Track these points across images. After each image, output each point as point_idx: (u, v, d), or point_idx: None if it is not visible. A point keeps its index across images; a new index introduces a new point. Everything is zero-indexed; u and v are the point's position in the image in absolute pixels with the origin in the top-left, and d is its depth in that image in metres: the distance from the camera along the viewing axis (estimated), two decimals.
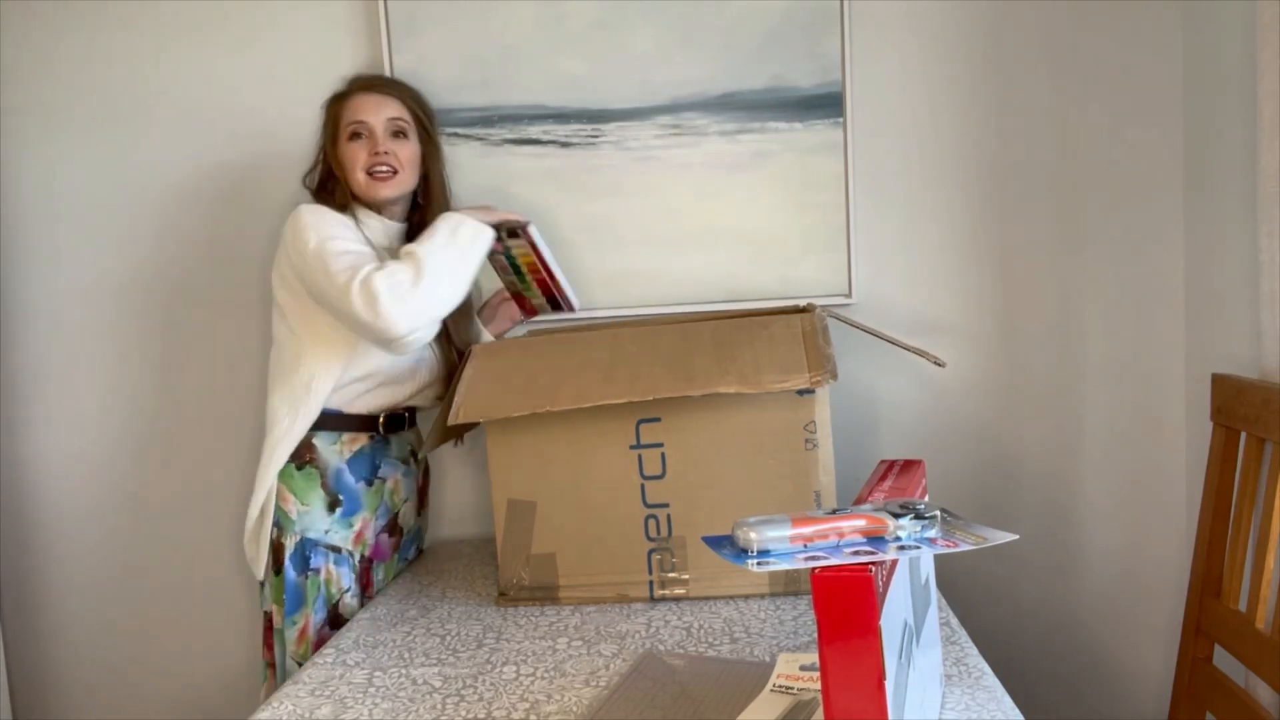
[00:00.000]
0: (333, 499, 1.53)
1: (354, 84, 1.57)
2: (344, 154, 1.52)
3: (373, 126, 1.52)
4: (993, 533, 0.77)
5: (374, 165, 1.51)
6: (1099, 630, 1.76)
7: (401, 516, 1.65)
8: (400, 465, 1.63)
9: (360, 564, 1.56)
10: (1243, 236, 1.50)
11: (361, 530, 1.56)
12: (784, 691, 1.04)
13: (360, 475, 1.56)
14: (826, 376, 1.28)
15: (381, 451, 1.59)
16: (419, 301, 1.36)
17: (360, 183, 1.51)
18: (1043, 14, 1.65)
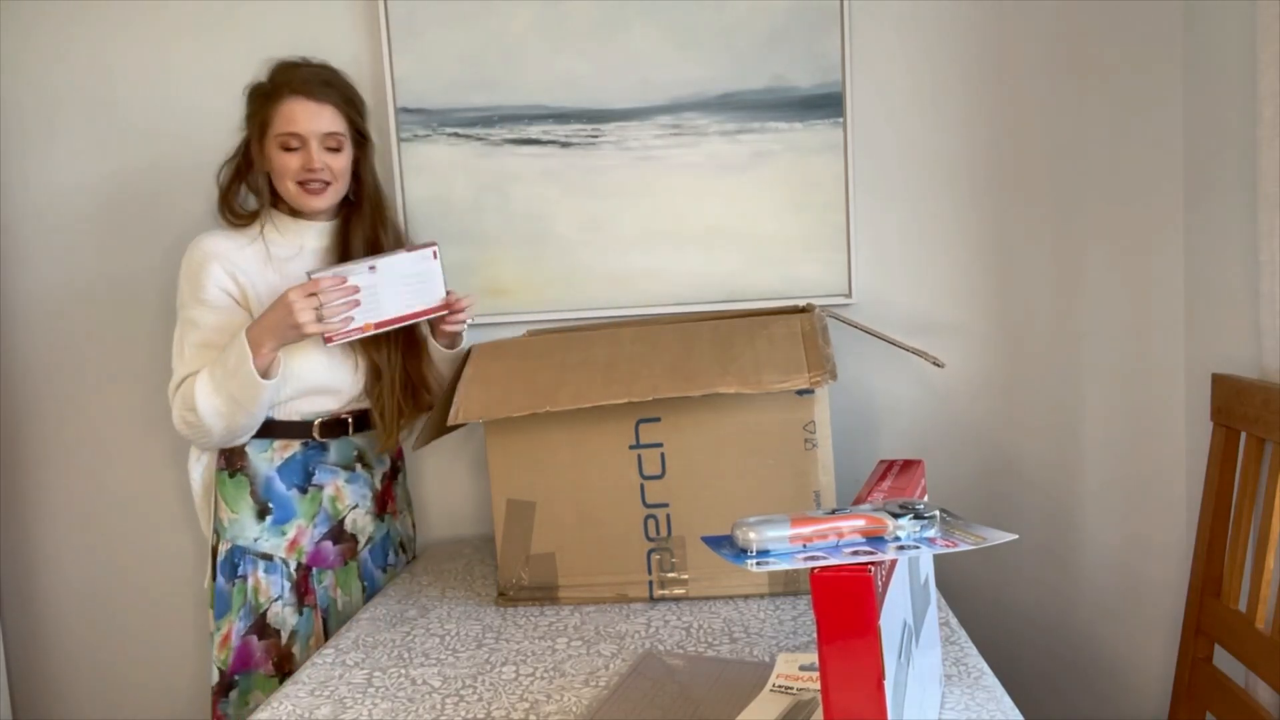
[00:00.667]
0: (262, 507, 1.51)
1: (283, 83, 1.47)
2: (274, 160, 1.47)
3: (306, 139, 1.46)
4: (992, 533, 0.77)
5: (307, 179, 1.47)
6: (1099, 630, 1.76)
7: (350, 524, 1.59)
8: (342, 471, 1.57)
9: (297, 572, 1.53)
10: (1243, 236, 1.50)
11: (296, 538, 1.53)
12: (783, 691, 1.04)
13: (292, 482, 1.53)
14: (826, 376, 1.28)
15: (317, 458, 1.55)
16: (205, 439, 1.46)
17: (290, 192, 1.48)
18: (1043, 15, 1.65)
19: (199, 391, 1.40)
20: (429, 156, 1.72)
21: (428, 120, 1.71)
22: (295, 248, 1.53)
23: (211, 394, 1.40)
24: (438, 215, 1.73)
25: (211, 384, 1.41)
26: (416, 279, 1.46)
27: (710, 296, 1.72)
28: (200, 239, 1.49)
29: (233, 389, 1.40)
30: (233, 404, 1.41)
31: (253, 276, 1.49)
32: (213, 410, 1.40)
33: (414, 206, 1.73)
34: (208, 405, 1.40)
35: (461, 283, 1.74)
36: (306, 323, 1.37)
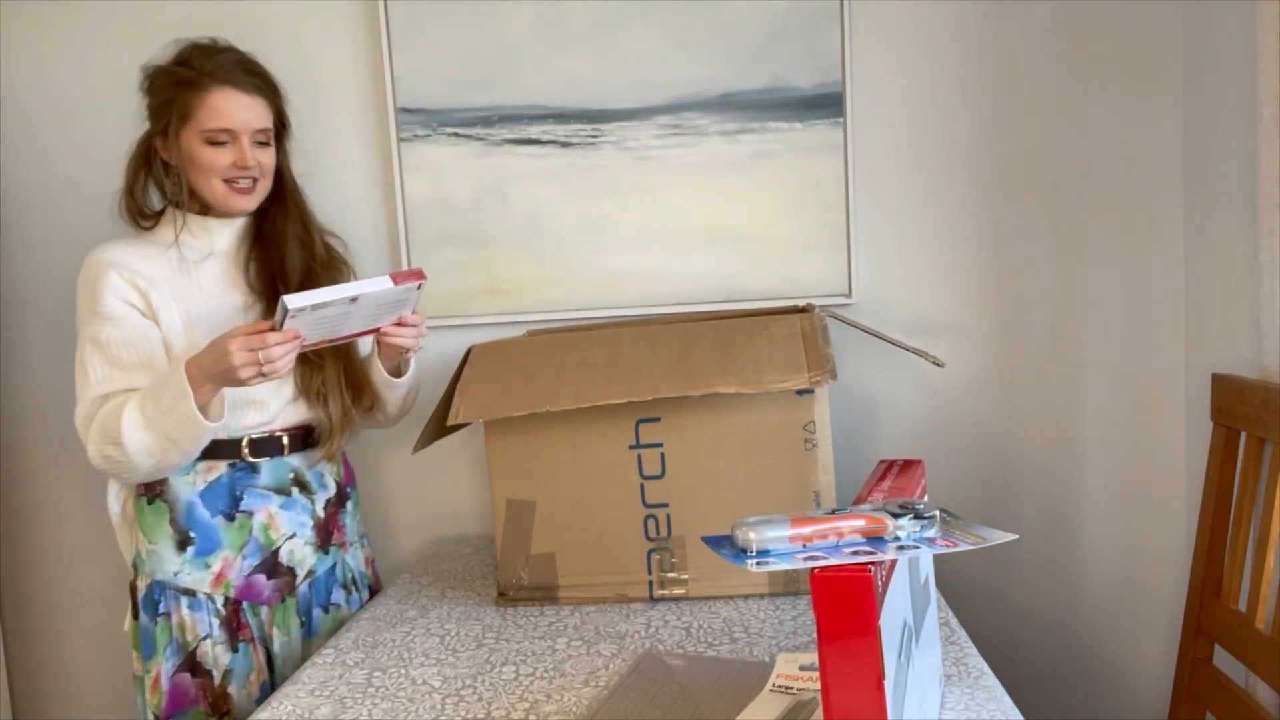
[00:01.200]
0: (182, 537, 1.36)
1: (208, 71, 1.34)
2: (199, 156, 1.34)
3: (238, 134, 1.35)
4: (992, 533, 0.77)
5: (237, 177, 1.36)
6: (1099, 630, 1.76)
7: (286, 555, 1.42)
8: (276, 496, 1.41)
9: (226, 607, 1.39)
10: (1243, 236, 1.50)
11: (222, 571, 1.37)
12: (783, 691, 1.04)
13: (217, 509, 1.38)
14: (826, 376, 1.28)
15: (246, 480, 1.39)
16: (129, 476, 1.33)
17: (217, 193, 1.36)
18: (1043, 15, 1.65)
19: (126, 426, 1.25)
20: (429, 156, 1.72)
21: (428, 120, 1.71)
22: (206, 249, 1.40)
23: (141, 429, 1.26)
24: (438, 215, 1.73)
25: (142, 419, 1.26)
26: (390, 307, 1.30)
27: (710, 296, 1.72)
28: (95, 250, 1.36)
29: (167, 426, 1.25)
30: (166, 442, 1.27)
31: (158, 284, 1.35)
32: (141, 448, 1.26)
33: (414, 206, 1.73)
34: (137, 442, 1.26)
35: (462, 283, 1.74)
36: (247, 377, 1.21)
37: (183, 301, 1.37)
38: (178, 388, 1.24)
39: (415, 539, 1.82)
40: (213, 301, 1.39)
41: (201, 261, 1.40)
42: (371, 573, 1.61)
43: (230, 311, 1.40)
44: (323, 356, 1.41)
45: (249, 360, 1.20)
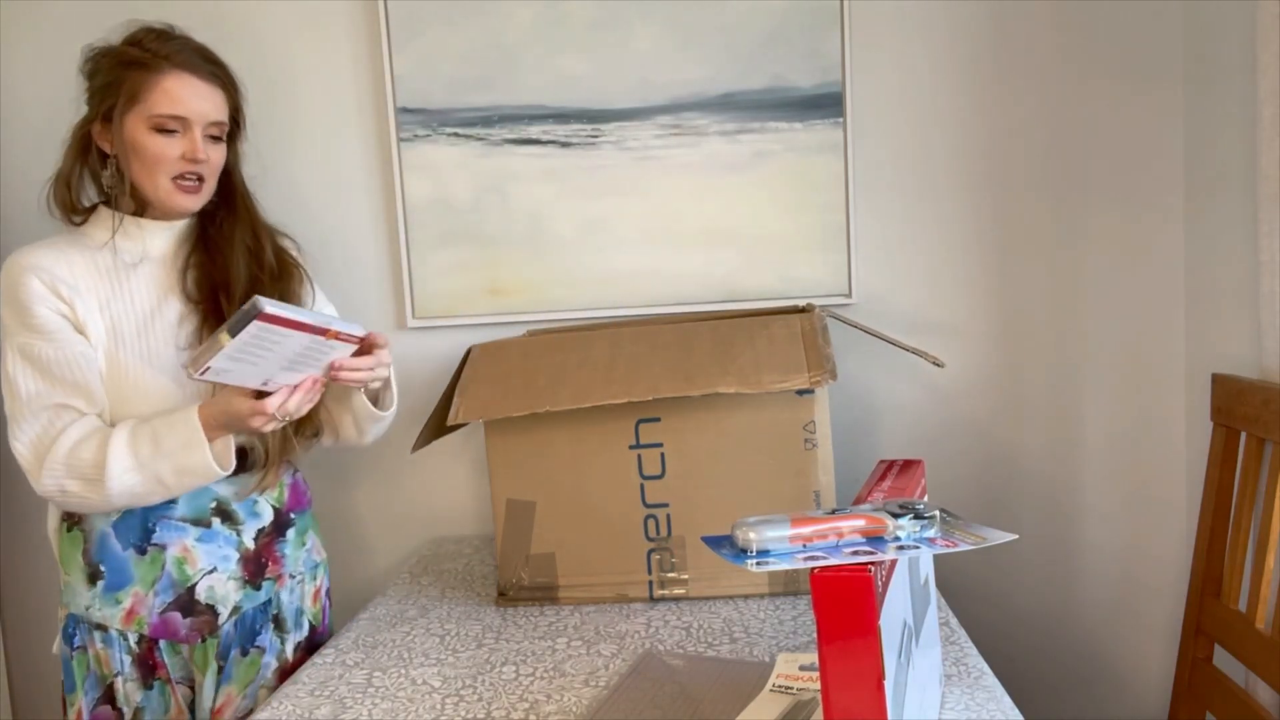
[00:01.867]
0: (93, 570, 1.27)
1: (163, 54, 1.23)
2: (144, 145, 1.22)
3: (191, 124, 1.23)
4: (992, 533, 0.77)
5: (185, 172, 1.25)
6: (1099, 630, 1.76)
7: (204, 592, 1.29)
8: (193, 528, 1.28)
9: (140, 645, 1.28)
10: (1243, 236, 1.50)
11: (133, 608, 1.27)
12: (783, 691, 1.04)
13: (129, 541, 1.27)
14: (826, 376, 1.28)
15: (159, 511, 1.27)
16: (83, 508, 1.23)
17: (161, 189, 1.24)
18: (1043, 15, 1.65)
19: (114, 466, 1.16)
20: (429, 156, 1.72)
21: (428, 120, 1.71)
22: (139, 254, 1.28)
23: (130, 471, 1.17)
24: (438, 215, 1.73)
25: (132, 459, 1.17)
26: (320, 354, 1.17)
27: (710, 296, 1.72)
28: (13, 254, 1.24)
29: (163, 471, 1.18)
30: (155, 486, 1.19)
31: (82, 293, 1.23)
32: (124, 490, 1.18)
33: (414, 206, 1.73)
34: (121, 485, 1.17)
35: (462, 283, 1.74)
36: (268, 430, 1.18)
37: (109, 312, 1.25)
38: (188, 434, 1.17)
39: (415, 539, 1.82)
40: (143, 313, 1.27)
41: (133, 267, 1.27)
42: (319, 608, 1.45)
43: (163, 326, 1.27)
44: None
45: (266, 419, 1.16)
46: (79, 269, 1.25)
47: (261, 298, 1.03)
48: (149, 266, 1.29)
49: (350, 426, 1.40)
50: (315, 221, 1.75)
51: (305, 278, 1.41)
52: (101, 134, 1.25)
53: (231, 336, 1.03)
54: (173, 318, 1.29)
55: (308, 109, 1.74)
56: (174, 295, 1.30)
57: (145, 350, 1.25)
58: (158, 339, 1.27)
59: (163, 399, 1.24)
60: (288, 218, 1.82)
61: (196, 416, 1.18)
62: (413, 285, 1.74)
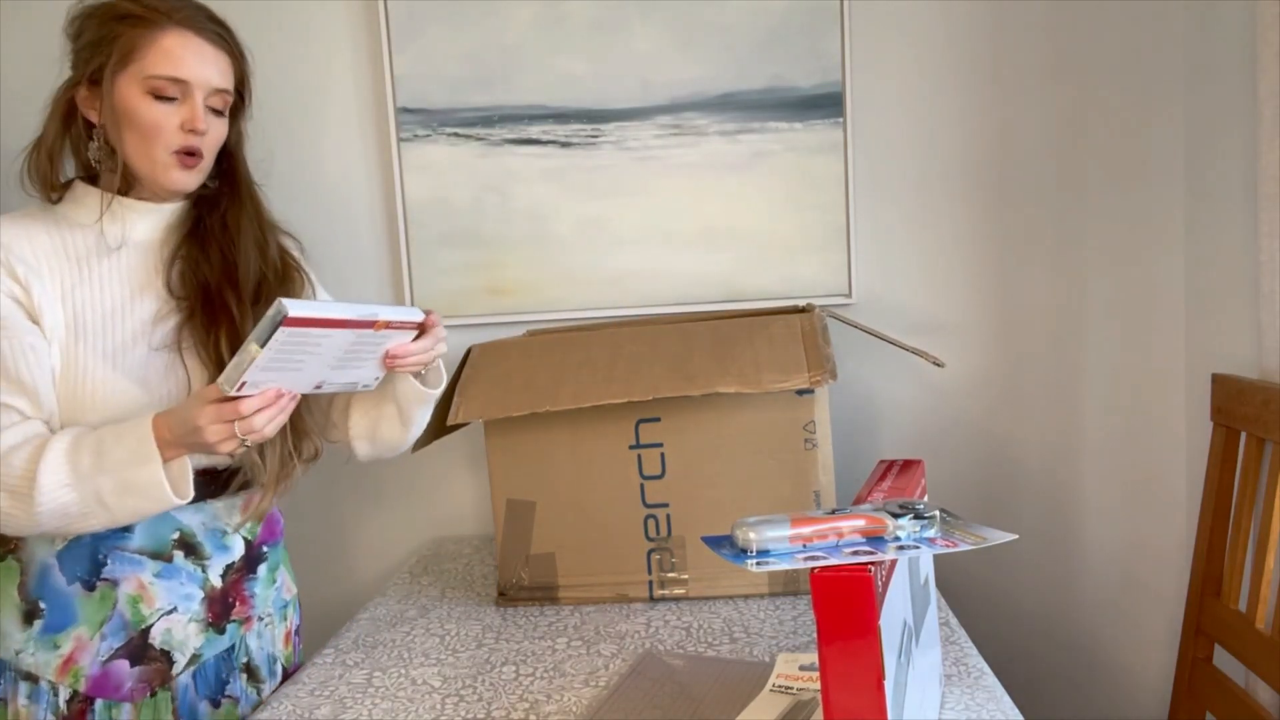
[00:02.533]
0: (30, 607, 1.09)
1: (163, 10, 1.07)
2: (138, 112, 1.07)
3: (192, 89, 1.09)
4: (992, 533, 0.77)
5: (187, 146, 1.10)
6: (1099, 630, 1.76)
7: (161, 636, 1.12)
8: (151, 562, 1.12)
9: (71, 706, 1.09)
10: (1243, 236, 1.50)
11: (73, 655, 1.09)
12: (783, 691, 1.04)
13: (75, 574, 1.09)
14: (826, 376, 1.28)
15: (114, 540, 1.10)
16: (10, 531, 1.02)
17: (157, 162, 1.09)
18: (1043, 15, 1.65)
19: (45, 478, 0.98)
20: (429, 156, 1.72)
21: (428, 120, 1.71)
22: (118, 238, 1.13)
23: (64, 486, 0.99)
24: (438, 215, 1.73)
25: (70, 473, 0.99)
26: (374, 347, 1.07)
27: (710, 296, 1.72)
28: None
29: (104, 489, 0.99)
30: (95, 508, 1.00)
31: (43, 276, 1.07)
32: (56, 509, 0.99)
33: (414, 206, 1.73)
34: (53, 501, 0.98)
35: (462, 283, 1.74)
36: (228, 450, 0.99)
37: (71, 301, 1.08)
38: (137, 445, 0.99)
39: (415, 539, 1.82)
40: (113, 305, 1.11)
41: (108, 253, 1.12)
42: (291, 649, 1.30)
43: (135, 323, 1.11)
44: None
45: (226, 434, 0.97)
46: (42, 248, 1.08)
47: (286, 300, 0.92)
48: (127, 253, 1.13)
49: (392, 421, 1.25)
50: (315, 221, 1.75)
51: (308, 282, 1.26)
52: (88, 100, 1.09)
53: (261, 346, 0.92)
54: (147, 313, 1.12)
55: (308, 109, 1.74)
56: (152, 288, 1.14)
57: (109, 347, 1.09)
58: (126, 335, 1.10)
59: (124, 406, 1.07)
60: (287, 218, 1.82)
61: (149, 426, 1.00)
62: (413, 285, 1.74)
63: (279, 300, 0.93)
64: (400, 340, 1.09)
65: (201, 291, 1.14)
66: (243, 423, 0.97)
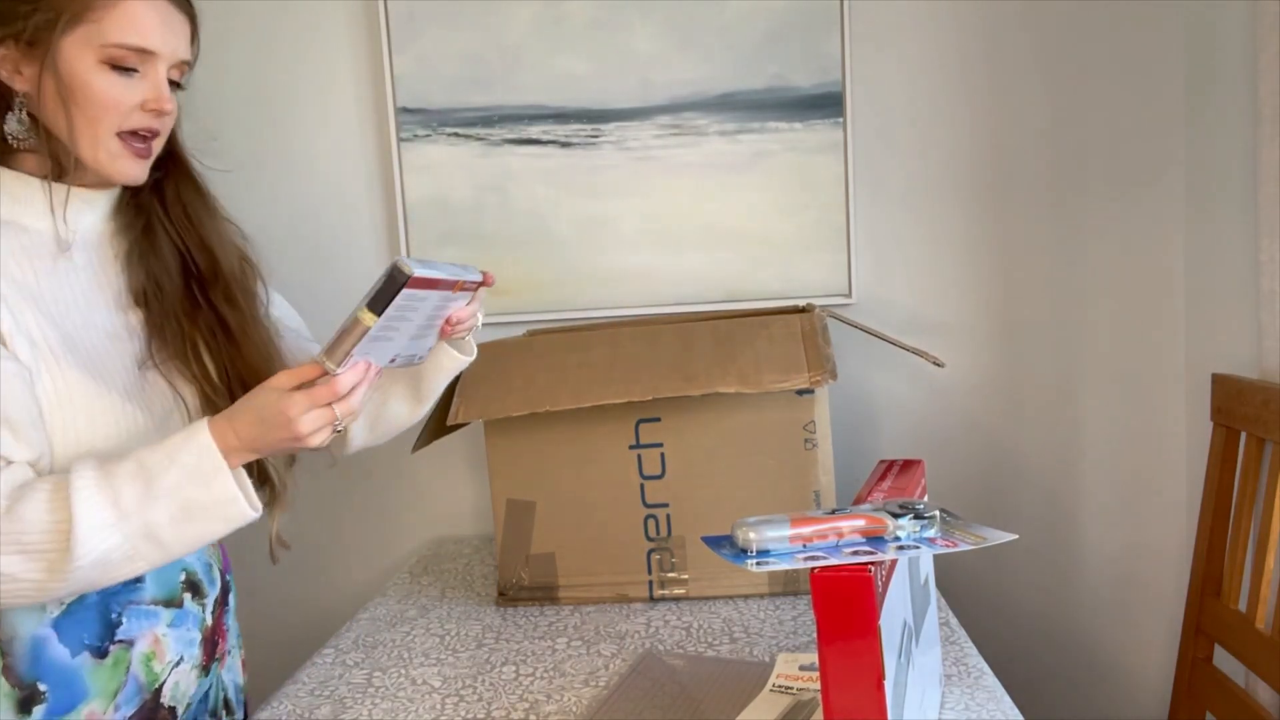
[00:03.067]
0: (28, 693, 0.90)
1: None
2: (90, 86, 0.89)
3: (158, 62, 0.92)
4: (992, 533, 0.77)
5: (146, 127, 0.93)
6: (1099, 630, 1.76)
7: (170, 691, 1.00)
8: (165, 611, 0.98)
9: None
10: (1243, 236, 1.50)
11: None
12: (783, 691, 1.04)
13: (81, 643, 0.93)
14: (826, 376, 1.28)
15: (125, 595, 0.95)
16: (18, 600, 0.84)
17: (104, 150, 0.91)
18: (1043, 14, 1.65)
19: (85, 524, 0.80)
20: (429, 156, 1.72)
21: (428, 120, 1.71)
22: (66, 236, 0.95)
23: (110, 525, 0.81)
24: (438, 215, 1.73)
25: (112, 509, 0.82)
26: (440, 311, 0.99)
27: (710, 296, 1.72)
28: None
29: (158, 519, 0.83)
30: (144, 548, 0.84)
31: (12, 288, 0.89)
32: (98, 557, 0.81)
33: (414, 206, 1.73)
34: (95, 550, 0.81)
35: None
36: (319, 443, 0.88)
37: (40, 317, 0.90)
38: (198, 461, 0.84)
39: (415, 539, 1.82)
40: (86, 318, 0.94)
41: (57, 257, 0.93)
42: (246, 677, 1.19)
43: (112, 336, 0.95)
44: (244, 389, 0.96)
45: (324, 422, 0.86)
46: (13, 248, 0.91)
47: (403, 258, 0.83)
48: (77, 254, 0.95)
49: (403, 399, 1.14)
50: (315, 221, 1.75)
51: (258, 276, 1.10)
52: (12, 61, 0.89)
53: (377, 314, 0.83)
54: (118, 324, 0.97)
55: (308, 109, 1.74)
56: (111, 293, 0.98)
57: (95, 366, 0.92)
58: (108, 350, 0.94)
59: (131, 433, 0.91)
60: (287, 218, 1.83)
61: (207, 434, 0.85)
62: None
63: (398, 259, 0.83)
64: (459, 305, 1.00)
65: (169, 296, 1.00)
66: (342, 403, 0.86)
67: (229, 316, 1.03)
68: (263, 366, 1.02)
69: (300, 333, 1.19)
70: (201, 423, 0.87)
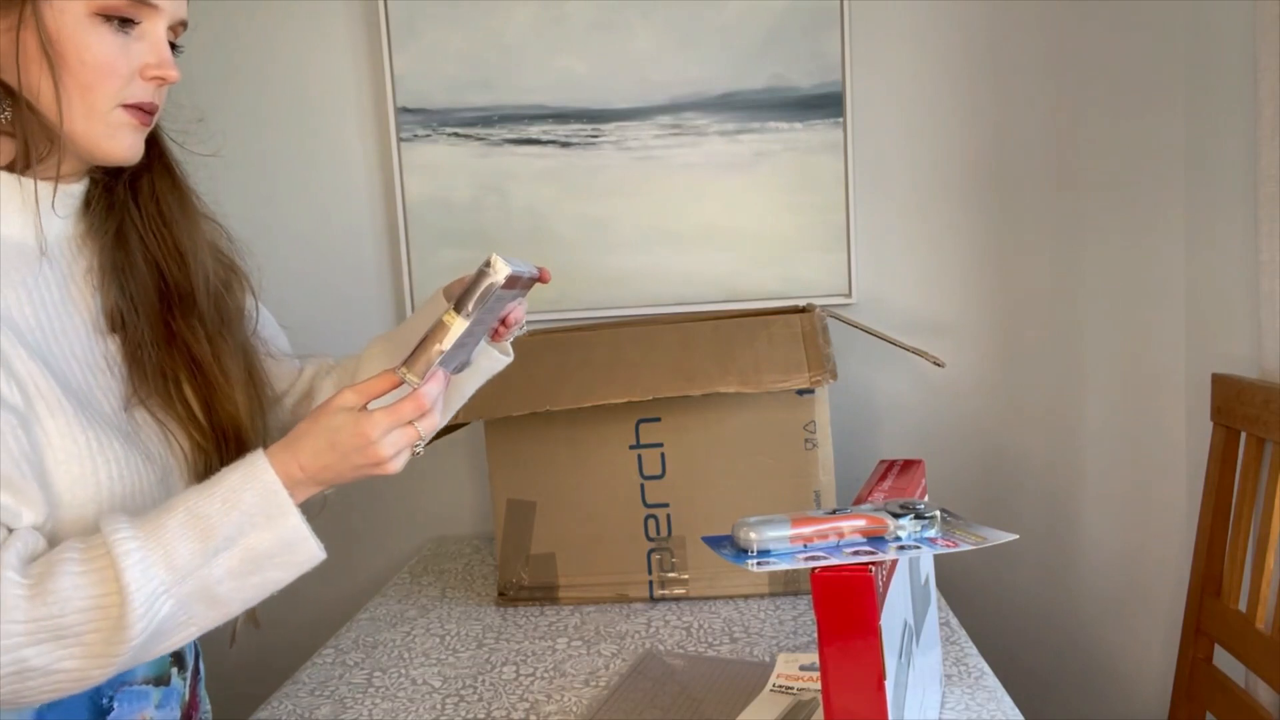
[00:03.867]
0: None
1: None
2: (86, 46, 0.75)
3: (160, 19, 0.79)
4: (992, 533, 0.77)
5: (145, 101, 0.79)
6: (1099, 630, 1.76)
7: None
8: (155, 689, 0.86)
9: None
10: (1243, 236, 1.50)
11: None
12: (784, 691, 1.04)
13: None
14: (826, 376, 1.28)
15: (120, 676, 0.81)
16: (70, 689, 0.71)
17: (102, 122, 0.77)
18: (1043, 14, 1.65)
19: (139, 594, 0.68)
20: (429, 156, 1.72)
21: (428, 120, 1.71)
22: (28, 231, 0.79)
23: (165, 591, 0.70)
24: (438, 215, 1.73)
25: (167, 572, 0.70)
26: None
27: (710, 296, 1.72)
28: None
29: (217, 577, 0.72)
30: (201, 609, 0.73)
31: None
32: (153, 629, 0.70)
33: (414, 206, 1.73)
34: (150, 620, 0.69)
35: None
36: (398, 467, 0.79)
37: (30, 348, 0.76)
38: (261, 503, 0.73)
39: (415, 539, 1.82)
40: (70, 347, 0.81)
41: (24, 268, 0.79)
42: None
43: (98, 367, 0.82)
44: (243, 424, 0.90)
45: (407, 442, 0.78)
46: None
47: (497, 255, 0.75)
48: (49, 265, 0.81)
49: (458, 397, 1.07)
50: (315, 221, 1.75)
51: (248, 284, 0.98)
52: (20, 29, 0.74)
53: (467, 318, 0.76)
54: (97, 356, 0.82)
55: (308, 109, 1.74)
56: (84, 312, 0.83)
57: (90, 408, 0.79)
58: (98, 385, 0.81)
59: (139, 487, 0.80)
60: (287, 218, 1.82)
61: (268, 470, 0.74)
62: (413, 285, 1.74)
63: (493, 256, 0.74)
64: (515, 302, 0.91)
65: (144, 319, 0.85)
66: (425, 420, 0.77)
67: (196, 348, 0.88)
68: (242, 406, 0.89)
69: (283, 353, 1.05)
70: (259, 456, 0.76)
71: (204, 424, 0.88)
